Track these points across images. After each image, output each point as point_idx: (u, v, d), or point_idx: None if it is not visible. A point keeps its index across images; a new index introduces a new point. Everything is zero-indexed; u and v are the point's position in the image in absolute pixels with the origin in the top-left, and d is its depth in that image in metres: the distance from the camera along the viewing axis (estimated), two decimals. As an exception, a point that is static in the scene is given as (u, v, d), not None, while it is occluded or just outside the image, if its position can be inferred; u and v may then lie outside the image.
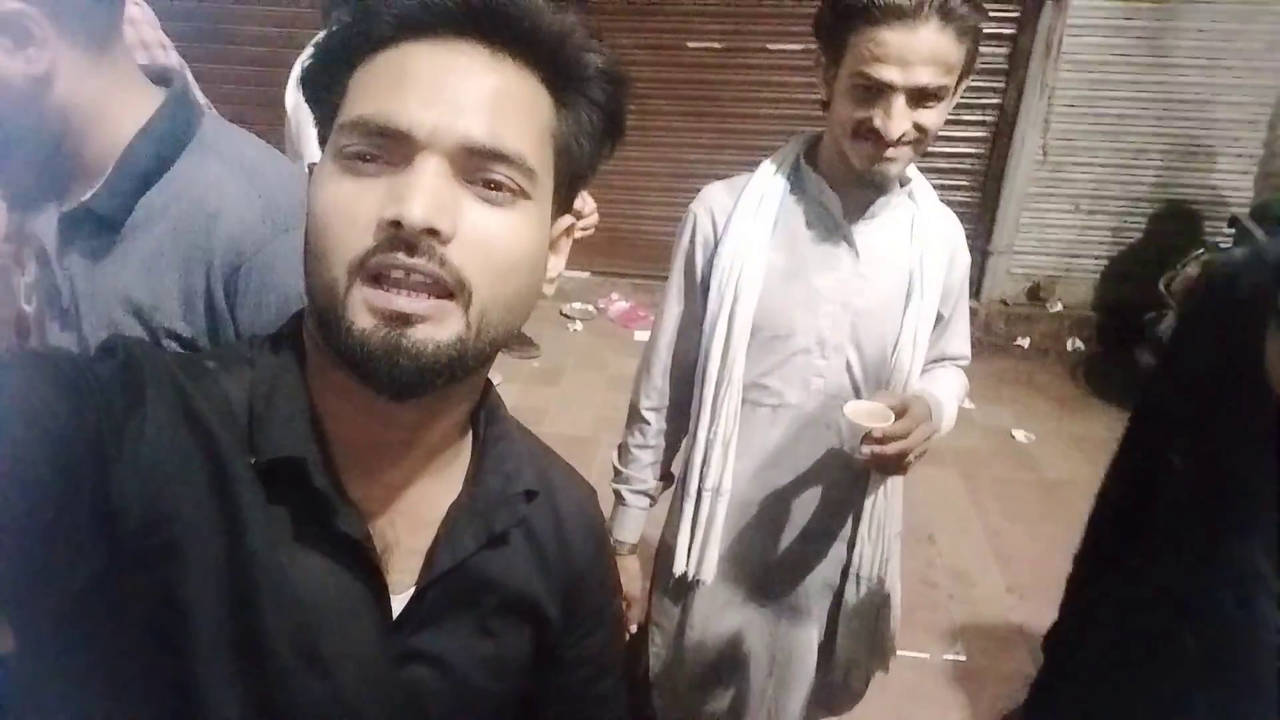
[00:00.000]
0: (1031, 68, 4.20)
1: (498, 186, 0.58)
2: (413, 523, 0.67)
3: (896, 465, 1.22)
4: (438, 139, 0.55)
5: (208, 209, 0.84)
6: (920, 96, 1.13)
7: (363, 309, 0.55)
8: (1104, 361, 4.35)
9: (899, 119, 1.13)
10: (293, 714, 0.59)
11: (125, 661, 0.56)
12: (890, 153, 1.17)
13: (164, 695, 0.57)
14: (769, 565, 1.42)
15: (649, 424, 1.43)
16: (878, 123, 1.14)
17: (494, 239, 0.57)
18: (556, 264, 0.68)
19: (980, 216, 4.50)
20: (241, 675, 0.58)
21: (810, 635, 1.46)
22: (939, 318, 1.36)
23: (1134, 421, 1.17)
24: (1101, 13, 4.13)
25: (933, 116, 1.16)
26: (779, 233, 1.29)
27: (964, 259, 1.38)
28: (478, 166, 0.57)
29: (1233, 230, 3.69)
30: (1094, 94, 4.26)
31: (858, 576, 1.41)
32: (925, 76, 1.11)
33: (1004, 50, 4.23)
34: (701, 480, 1.35)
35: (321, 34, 0.63)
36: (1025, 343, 4.56)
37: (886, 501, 1.40)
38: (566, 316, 4.81)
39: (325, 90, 0.61)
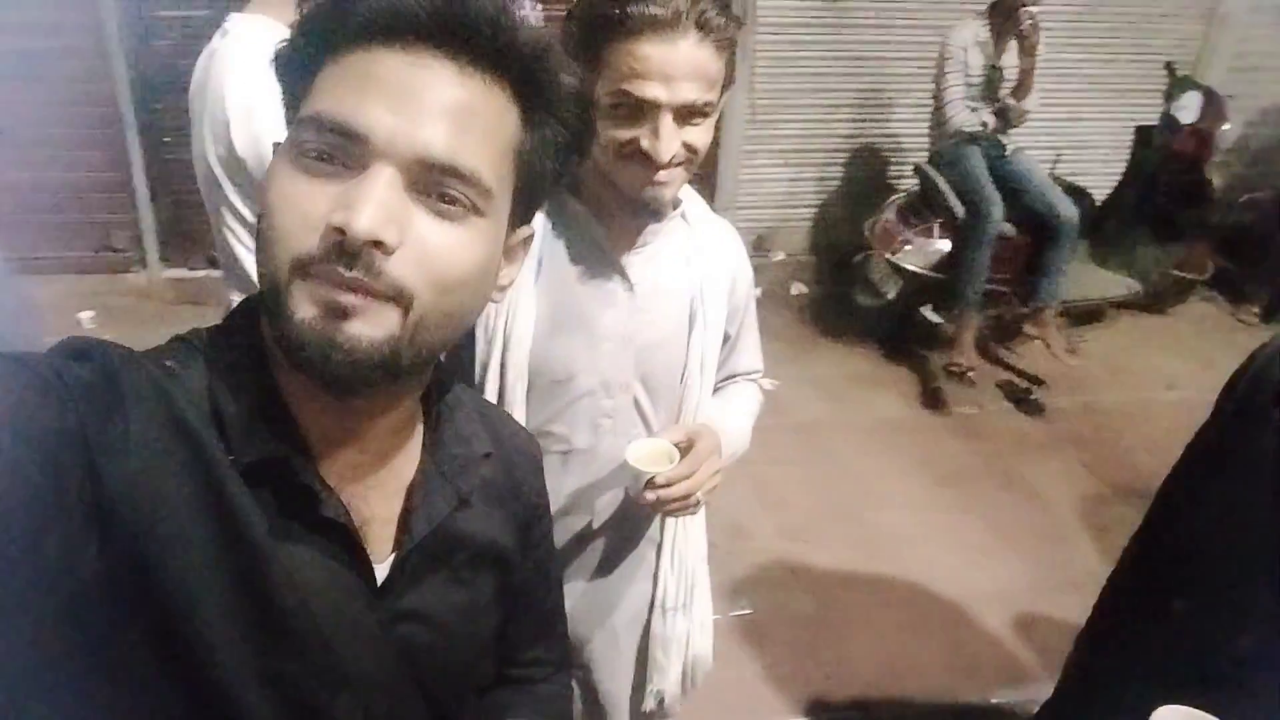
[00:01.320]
0: (733, 32, 4.39)
1: (451, 201, 0.59)
2: (382, 495, 0.70)
3: (683, 508, 1.18)
4: (394, 148, 0.57)
5: None
6: (687, 114, 1.07)
7: (304, 300, 0.57)
8: (825, 302, 4.73)
9: (669, 139, 1.06)
10: (304, 685, 0.63)
11: (125, 662, 0.57)
12: (661, 175, 1.09)
13: (173, 690, 0.58)
14: (574, 613, 1.34)
15: None
16: (645, 144, 1.07)
17: (441, 252, 0.59)
18: (509, 272, 0.70)
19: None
20: (258, 655, 0.60)
21: (623, 681, 1.43)
22: (725, 337, 1.33)
23: (1164, 508, 1.05)
24: (788, -23, 4.40)
25: (701, 134, 1.10)
26: (546, 271, 1.19)
27: (746, 275, 1.34)
28: (432, 180, 0.58)
29: (915, 177, 4.14)
30: (792, 54, 4.55)
31: (664, 608, 1.38)
32: (691, 92, 1.05)
33: (707, 15, 4.38)
34: None
35: (299, 18, 0.62)
36: (758, 292, 4.84)
37: (686, 530, 1.37)
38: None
39: (293, 77, 0.62)
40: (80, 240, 4.20)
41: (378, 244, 0.55)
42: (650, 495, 1.14)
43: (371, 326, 0.57)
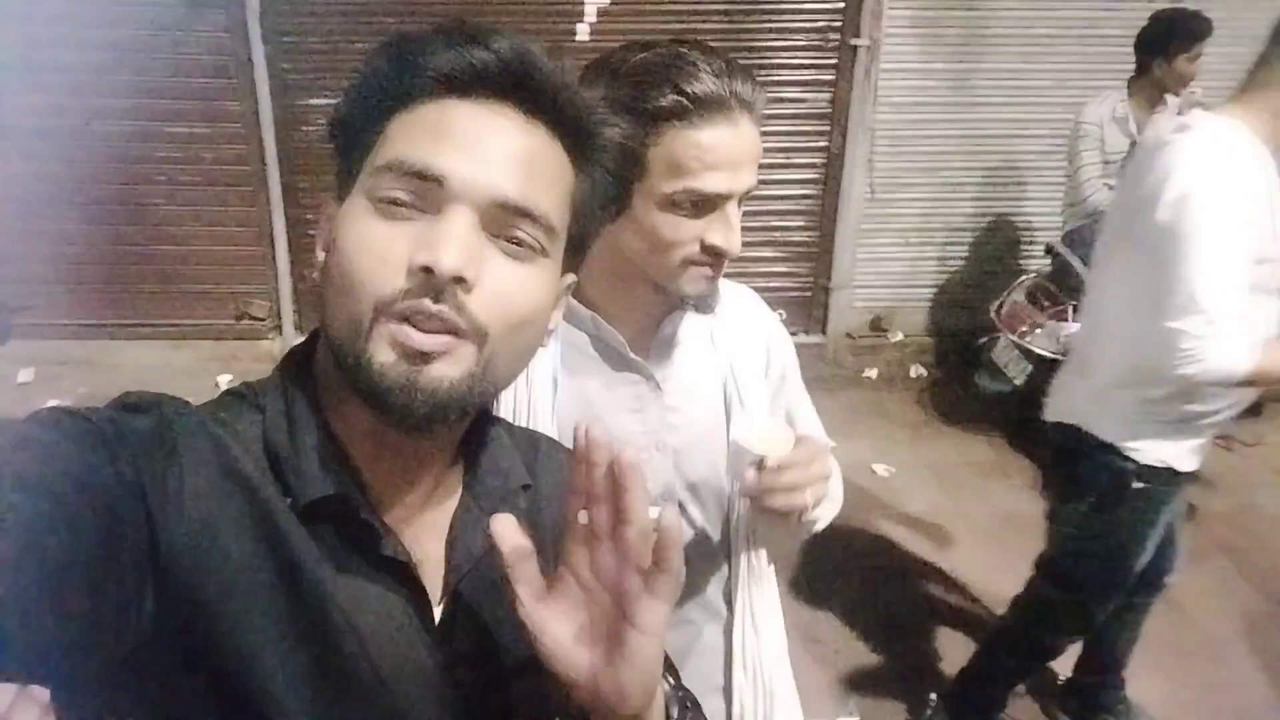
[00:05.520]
0: (852, 111, 4.37)
1: (520, 242, 0.62)
2: (433, 534, 0.70)
3: (787, 505, 1.00)
4: (471, 190, 0.59)
5: None
6: (740, 199, 1.01)
7: (384, 344, 0.58)
8: (945, 386, 4.53)
9: (737, 229, 0.99)
10: None
11: (186, 712, 0.57)
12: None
13: None
14: None
15: None
16: (719, 240, 0.99)
17: (512, 291, 0.61)
18: (555, 316, 0.71)
19: (820, 255, 4.63)
20: (321, 702, 0.60)
21: None
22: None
23: None
24: (910, 57, 4.35)
25: (739, 217, 1.02)
26: (563, 388, 1.09)
27: (781, 342, 1.23)
28: (505, 221, 0.61)
29: (1049, 256, 3.93)
30: (911, 133, 4.47)
31: None
32: (752, 176, 0.98)
33: (826, 96, 4.38)
34: None
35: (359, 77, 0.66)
36: (873, 373, 4.70)
37: (758, 636, 1.19)
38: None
39: (359, 132, 0.64)
40: (222, 308, 4.51)
41: (460, 280, 0.57)
42: (750, 475, 0.99)
43: (451, 367, 0.59)
